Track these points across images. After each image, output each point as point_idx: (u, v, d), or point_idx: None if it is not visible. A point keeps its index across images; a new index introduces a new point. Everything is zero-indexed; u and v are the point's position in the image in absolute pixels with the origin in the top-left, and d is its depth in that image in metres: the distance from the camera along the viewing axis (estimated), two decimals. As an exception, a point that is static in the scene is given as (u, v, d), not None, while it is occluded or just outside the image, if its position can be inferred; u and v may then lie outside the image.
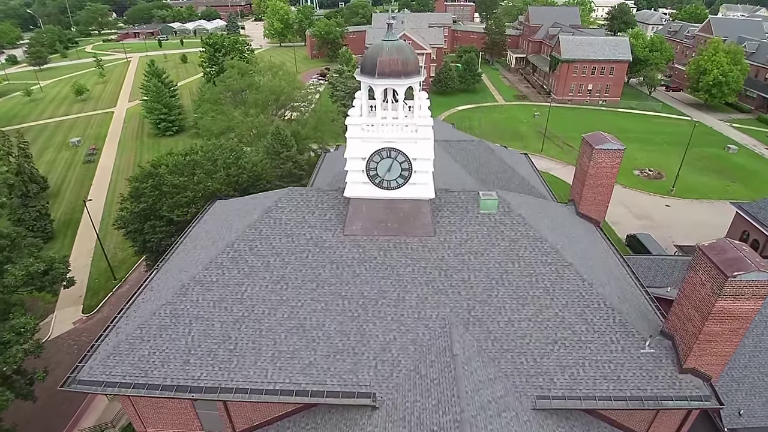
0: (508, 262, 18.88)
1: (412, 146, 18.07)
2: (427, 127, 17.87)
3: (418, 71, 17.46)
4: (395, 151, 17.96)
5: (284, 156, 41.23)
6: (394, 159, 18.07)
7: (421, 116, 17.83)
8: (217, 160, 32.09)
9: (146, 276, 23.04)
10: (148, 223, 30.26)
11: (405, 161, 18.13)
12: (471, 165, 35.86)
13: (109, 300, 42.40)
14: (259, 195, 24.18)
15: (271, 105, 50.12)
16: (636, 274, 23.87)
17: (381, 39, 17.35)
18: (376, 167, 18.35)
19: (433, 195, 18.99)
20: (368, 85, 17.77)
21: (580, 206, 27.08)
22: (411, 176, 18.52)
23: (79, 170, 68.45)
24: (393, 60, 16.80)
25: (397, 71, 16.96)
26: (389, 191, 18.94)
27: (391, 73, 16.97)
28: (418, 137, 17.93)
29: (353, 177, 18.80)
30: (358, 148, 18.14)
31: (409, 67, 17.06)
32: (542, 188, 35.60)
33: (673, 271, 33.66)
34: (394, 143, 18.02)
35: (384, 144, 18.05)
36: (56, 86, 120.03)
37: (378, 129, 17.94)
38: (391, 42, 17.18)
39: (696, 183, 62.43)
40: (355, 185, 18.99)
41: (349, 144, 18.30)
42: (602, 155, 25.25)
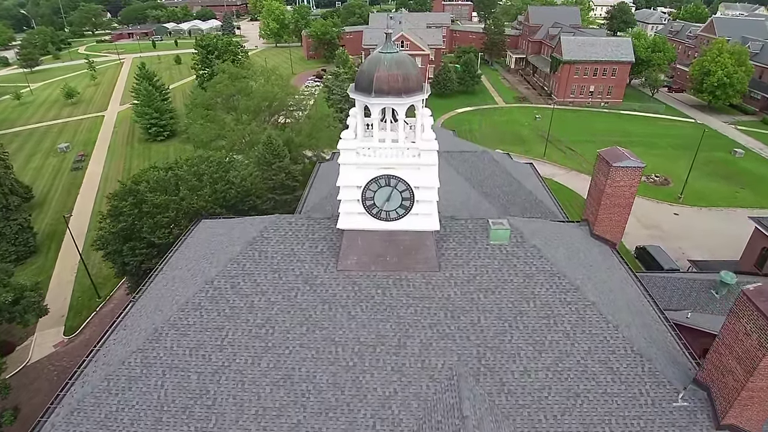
0: (523, 301, 16.78)
1: (414, 173, 15.94)
2: (431, 152, 15.73)
3: (421, 87, 15.35)
4: (395, 178, 15.84)
5: (276, 167, 39.08)
6: (394, 187, 15.95)
7: (424, 139, 15.67)
8: (203, 175, 29.91)
9: (121, 310, 20.85)
10: (128, 245, 28.08)
11: (406, 190, 16.01)
12: (475, 177, 33.79)
13: (92, 320, 40.13)
14: (245, 219, 22.02)
15: (264, 111, 47.91)
16: (657, 303, 21.84)
17: (378, 51, 15.20)
18: (373, 196, 16.23)
19: (437, 227, 16.89)
20: (364, 104, 15.64)
21: (595, 227, 24.96)
22: (413, 206, 16.39)
23: (67, 178, 66.11)
24: (392, 76, 14.66)
25: (397, 88, 14.83)
26: (388, 222, 16.82)
27: (390, 90, 14.83)
28: (421, 163, 15.81)
29: (347, 207, 16.67)
30: (352, 175, 16.02)
31: (410, 83, 14.93)
32: (550, 202, 33.54)
33: (691, 291, 31.63)
34: (394, 169, 15.89)
35: (382, 170, 15.92)
36: (47, 89, 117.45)
37: (375, 153, 15.81)
38: (390, 54, 15.04)
39: (704, 189, 60.47)
40: (349, 216, 16.85)
41: (342, 171, 16.18)
42: (620, 173, 23.14)
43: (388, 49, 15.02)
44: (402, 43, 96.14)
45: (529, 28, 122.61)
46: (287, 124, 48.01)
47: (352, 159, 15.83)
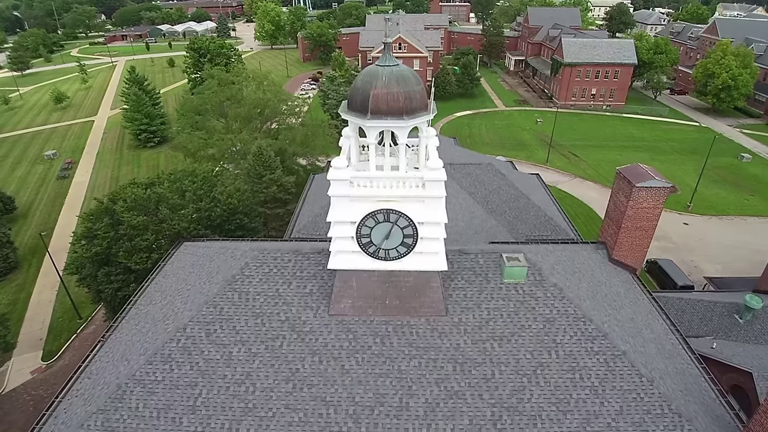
0: (543, 351, 14.55)
1: (418, 207, 13.71)
2: (438, 183, 13.47)
3: (425, 106, 13.12)
4: (395, 213, 13.59)
5: (267, 179, 36.83)
6: (394, 223, 13.71)
7: (430, 167, 13.40)
8: (185, 192, 27.59)
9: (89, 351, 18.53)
10: (102, 271, 25.75)
11: (408, 226, 13.76)
12: (479, 192, 31.57)
13: (73, 343, 37.71)
14: (227, 246, 19.69)
15: (255, 119, 45.61)
16: (686, 340, 19.62)
17: (376, 64, 12.94)
18: (370, 233, 13.98)
19: (445, 266, 14.62)
20: (358, 126, 13.38)
21: (614, 251, 22.72)
22: (416, 244, 14.15)
23: (52, 187, 63.64)
24: (392, 94, 12.42)
25: (397, 109, 12.59)
26: (387, 262, 14.57)
27: (389, 111, 12.60)
28: (426, 195, 13.57)
29: (339, 245, 14.40)
30: (345, 209, 13.77)
31: (413, 102, 12.69)
32: (560, 218, 31.32)
33: (712, 315, 29.44)
34: (394, 202, 13.65)
35: (380, 204, 13.67)
36: (37, 93, 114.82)
37: (372, 183, 13.56)
38: (389, 68, 12.78)
39: (712, 197, 58.40)
40: (341, 255, 14.60)
41: (333, 204, 13.93)
42: (644, 194, 20.94)
43: (386, 61, 12.77)
44: (400, 45, 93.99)
45: (528, 30, 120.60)
46: (280, 132, 45.66)
47: (345, 190, 13.57)
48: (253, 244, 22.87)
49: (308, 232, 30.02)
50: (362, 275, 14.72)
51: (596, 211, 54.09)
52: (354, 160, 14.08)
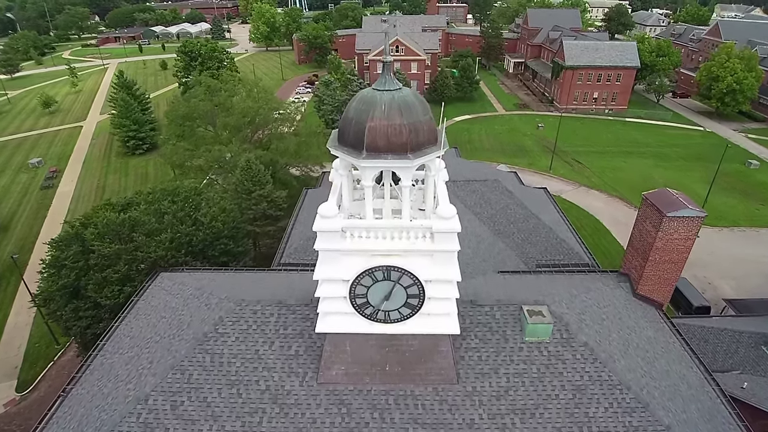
0: (574, 427, 12.23)
1: (425, 262, 11.37)
2: (450, 235, 11.10)
3: (434, 138, 10.77)
4: (397, 270, 11.26)
5: (257, 195, 34.37)
6: (396, 282, 11.36)
7: (440, 215, 11.03)
8: (164, 215, 25.13)
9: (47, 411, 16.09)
10: (70, 305, 23.27)
11: (413, 285, 11.42)
12: (485, 212, 29.24)
13: (49, 372, 35.14)
14: (204, 285, 17.25)
15: (245, 128, 43.15)
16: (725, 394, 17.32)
17: (373, 87, 10.57)
18: (367, 293, 11.63)
19: (457, 330, 12.25)
20: (351, 164, 10.99)
21: (640, 286, 20.43)
22: (422, 305, 11.79)
23: (36, 197, 60.98)
24: (393, 127, 10.08)
25: (400, 144, 10.26)
26: (387, 325, 12.21)
27: (390, 147, 10.26)
28: (434, 249, 11.22)
29: (329, 306, 12.05)
30: (335, 266, 11.43)
31: (420, 135, 10.38)
32: (573, 241, 28.97)
33: (738, 346, 27.21)
34: (396, 257, 11.29)
35: (379, 259, 11.31)
36: (25, 97, 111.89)
37: (369, 234, 11.20)
38: (390, 94, 10.43)
39: (722, 207, 56.16)
40: (332, 317, 12.23)
41: (321, 260, 11.59)
42: (675, 225, 18.67)
43: (386, 84, 10.42)
44: (397, 48, 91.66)
45: (527, 32, 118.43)
46: (272, 142, 43.21)
47: (335, 244, 11.22)
48: (234, 278, 20.51)
49: (299, 257, 27.60)
50: (357, 338, 12.37)
51: (603, 222, 51.91)
52: (347, 202, 11.72)
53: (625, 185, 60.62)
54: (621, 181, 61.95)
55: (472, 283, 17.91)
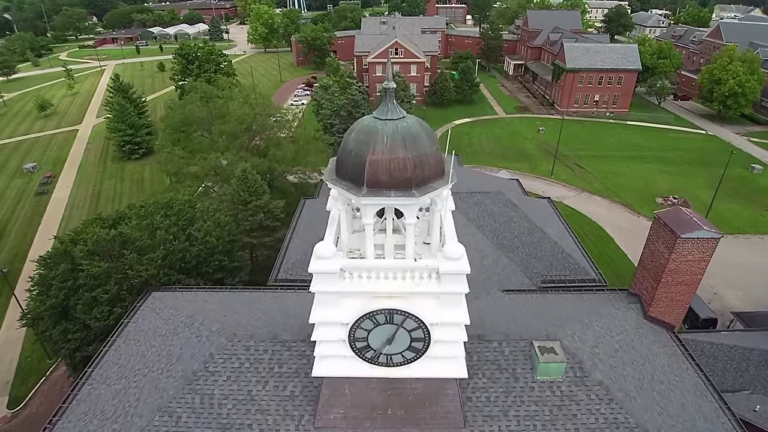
0: (589, 476, 11.37)
1: (431, 304, 10.54)
2: (458, 277, 10.26)
3: (441, 170, 9.93)
4: (401, 313, 10.42)
5: (253, 206, 33.52)
6: (400, 325, 10.54)
7: (447, 256, 10.18)
8: (157, 230, 24.26)
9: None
10: (58, 327, 22.38)
11: (418, 328, 10.60)
12: (488, 225, 28.44)
13: (41, 388, 34.20)
14: (196, 308, 16.40)
15: (242, 135, 42.30)
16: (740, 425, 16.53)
17: (373, 116, 9.73)
18: (367, 337, 10.80)
19: (465, 374, 11.42)
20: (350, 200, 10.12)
21: (651, 308, 19.63)
22: (428, 349, 10.96)
23: (30, 204, 60.03)
24: (396, 161, 9.25)
25: (404, 180, 9.42)
26: (390, 368, 11.37)
27: (392, 183, 9.43)
28: (441, 291, 10.39)
29: (326, 349, 11.21)
30: (333, 308, 10.57)
31: (426, 169, 9.56)
32: (579, 254, 28.12)
33: (748, 364, 26.37)
34: (399, 299, 10.45)
35: (380, 302, 10.47)
36: (21, 99, 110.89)
37: (369, 275, 10.36)
38: (393, 123, 9.59)
39: (726, 213, 55.35)
40: (330, 360, 11.39)
41: (317, 302, 10.73)
42: (689, 246, 17.90)
43: (388, 113, 9.58)
44: (396, 50, 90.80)
45: (527, 33, 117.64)
46: (269, 149, 42.32)
47: (333, 286, 10.36)
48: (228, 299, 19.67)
49: (296, 272, 26.76)
50: (357, 381, 11.54)
51: (606, 229, 51.11)
52: (345, 235, 10.87)
53: (629, 191, 59.82)
54: (624, 186, 61.14)
55: (476, 304, 17.10)
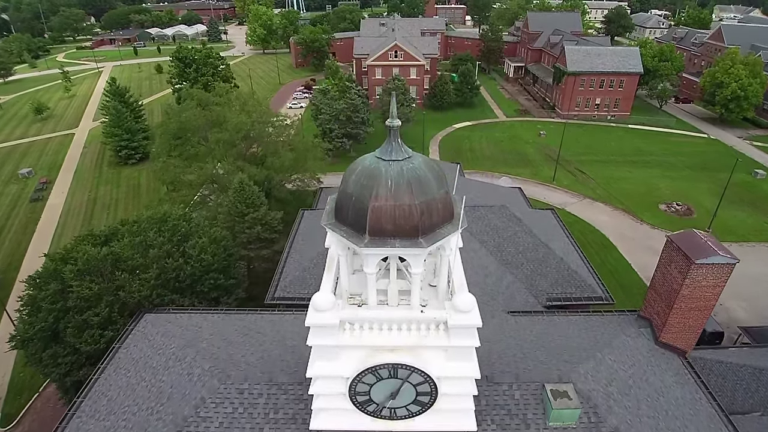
0: None
1: (438, 357, 9.79)
2: (468, 330, 9.49)
3: (450, 214, 9.18)
4: (406, 368, 9.66)
5: (250, 218, 32.74)
6: (405, 380, 9.78)
7: (457, 308, 9.39)
8: (150, 248, 23.48)
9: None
10: (48, 351, 21.58)
11: (424, 383, 9.84)
12: (492, 240, 27.71)
13: (34, 405, 33.39)
14: (188, 334, 15.64)
15: (239, 143, 41.52)
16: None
17: (376, 155, 8.95)
18: (369, 391, 10.04)
19: (474, 427, 10.65)
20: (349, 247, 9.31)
21: (663, 333, 18.90)
22: (435, 403, 10.20)
23: (25, 211, 59.15)
24: (402, 208, 8.48)
25: (410, 228, 8.65)
26: (393, 421, 10.61)
27: (397, 231, 8.66)
28: (450, 344, 9.63)
29: (325, 403, 10.43)
30: (332, 362, 9.81)
31: (434, 215, 8.80)
32: (585, 270, 27.39)
33: (758, 385, 25.60)
34: (404, 353, 9.68)
35: (383, 355, 9.70)
36: (17, 102, 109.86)
37: (371, 327, 9.59)
38: (398, 165, 8.81)
39: (730, 220, 54.66)
40: (328, 413, 10.61)
41: (314, 355, 9.96)
42: (704, 272, 17.17)
43: (393, 153, 8.80)
44: (396, 53, 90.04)
45: (528, 35, 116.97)
46: (266, 157, 41.53)
47: (332, 339, 9.59)
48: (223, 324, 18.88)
49: (295, 290, 26.10)
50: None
51: (609, 237, 50.41)
52: (345, 278, 10.10)
53: (631, 197, 59.13)
54: (626, 192, 60.45)
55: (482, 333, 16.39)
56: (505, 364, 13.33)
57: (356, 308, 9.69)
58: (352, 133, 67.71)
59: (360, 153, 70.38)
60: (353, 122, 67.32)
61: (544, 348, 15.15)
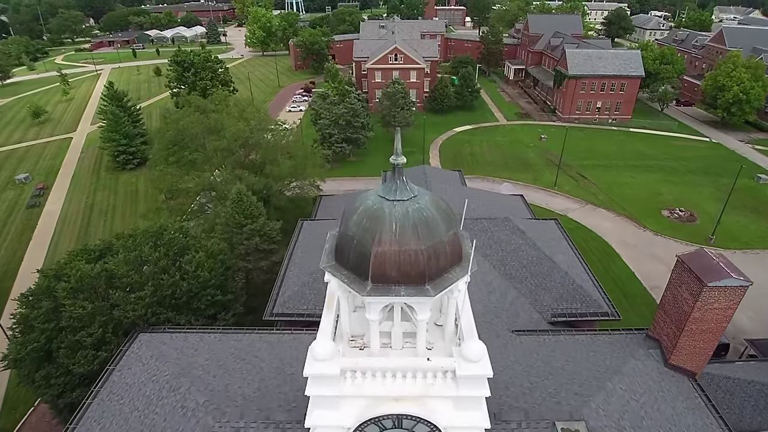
0: None
1: (446, 407, 9.21)
2: (477, 381, 8.92)
3: (459, 256, 8.58)
4: (411, 418, 9.10)
5: (248, 230, 32.16)
6: (410, 430, 9.21)
7: (465, 356, 8.80)
8: (145, 264, 22.92)
9: None
10: (40, 372, 20.99)
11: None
12: (495, 254, 27.17)
13: (29, 419, 32.75)
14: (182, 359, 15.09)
15: (238, 151, 41.00)
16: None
17: (379, 194, 8.37)
18: (372, 440, 9.49)
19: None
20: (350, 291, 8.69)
21: (673, 356, 18.37)
22: (440, 451, 9.65)
23: (21, 217, 58.54)
24: (407, 254, 7.89)
25: (417, 274, 8.05)
26: (397, 469, 10.07)
27: (401, 278, 8.07)
28: (458, 394, 9.06)
29: (325, 451, 9.85)
30: (332, 411, 9.25)
31: (441, 259, 8.21)
32: (590, 285, 26.81)
33: (767, 403, 25.06)
34: (409, 402, 9.11)
35: (387, 405, 9.12)
36: (15, 105, 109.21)
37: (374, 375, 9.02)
38: (403, 205, 8.20)
39: (733, 226, 54.05)
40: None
41: (312, 405, 9.37)
42: (717, 294, 16.67)
43: (397, 192, 8.20)
44: (396, 56, 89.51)
45: (528, 38, 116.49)
46: (265, 164, 40.95)
47: (332, 389, 9.01)
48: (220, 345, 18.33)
49: (294, 306, 25.57)
50: (359, 479, 10.22)
51: (611, 245, 49.82)
52: (345, 319, 9.53)
53: (633, 202, 58.58)
54: (628, 197, 59.90)
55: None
56: (513, 398, 12.76)
57: (358, 353, 9.12)
58: (351, 137, 67.15)
59: (360, 158, 69.55)
60: (353, 127, 66.77)
61: (553, 376, 14.61)
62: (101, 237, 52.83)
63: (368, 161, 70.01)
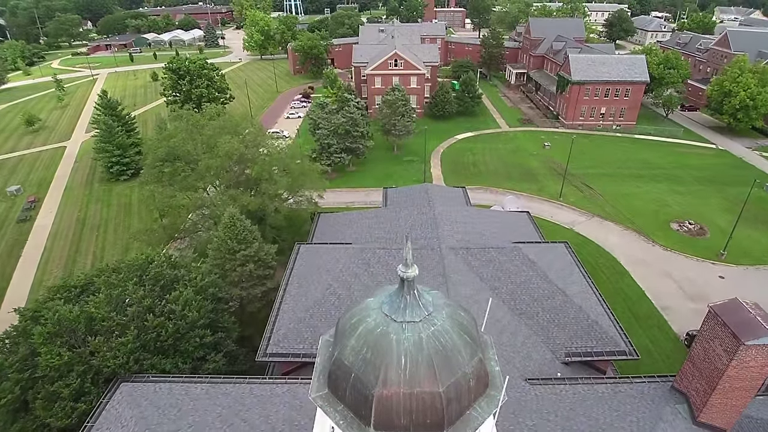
0: None
1: None
2: None
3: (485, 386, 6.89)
4: None
5: (242, 256, 30.51)
6: None
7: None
8: (129, 307, 21.24)
9: None
10: (15, 426, 19.31)
11: None
12: (504, 287, 25.56)
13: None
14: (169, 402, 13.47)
15: (232, 168, 39.37)
16: None
17: (385, 311, 6.65)
18: None
19: None
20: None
21: (702, 413, 16.73)
22: None
23: (11, 232, 56.84)
24: (420, 398, 6.12)
25: (434, 423, 6.25)
26: None
27: (414, 425, 6.32)
28: None
29: None
30: None
31: (463, 398, 6.50)
32: (606, 320, 25.10)
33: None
34: None
35: None
36: (9, 112, 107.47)
37: None
38: (416, 328, 6.42)
39: (744, 240, 52.23)
40: None
41: None
42: (754, 353, 15.00)
43: (407, 312, 6.43)
44: (395, 62, 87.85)
45: (530, 41, 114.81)
46: (261, 182, 39.27)
47: None
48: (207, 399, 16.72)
49: (288, 346, 23.94)
50: None
51: (620, 261, 48.06)
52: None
53: (641, 215, 56.89)
54: (636, 209, 58.21)
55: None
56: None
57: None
58: (351, 147, 65.49)
59: (359, 168, 67.51)
60: (352, 136, 65.10)
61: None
62: (93, 251, 51.81)
63: (368, 171, 68.40)
